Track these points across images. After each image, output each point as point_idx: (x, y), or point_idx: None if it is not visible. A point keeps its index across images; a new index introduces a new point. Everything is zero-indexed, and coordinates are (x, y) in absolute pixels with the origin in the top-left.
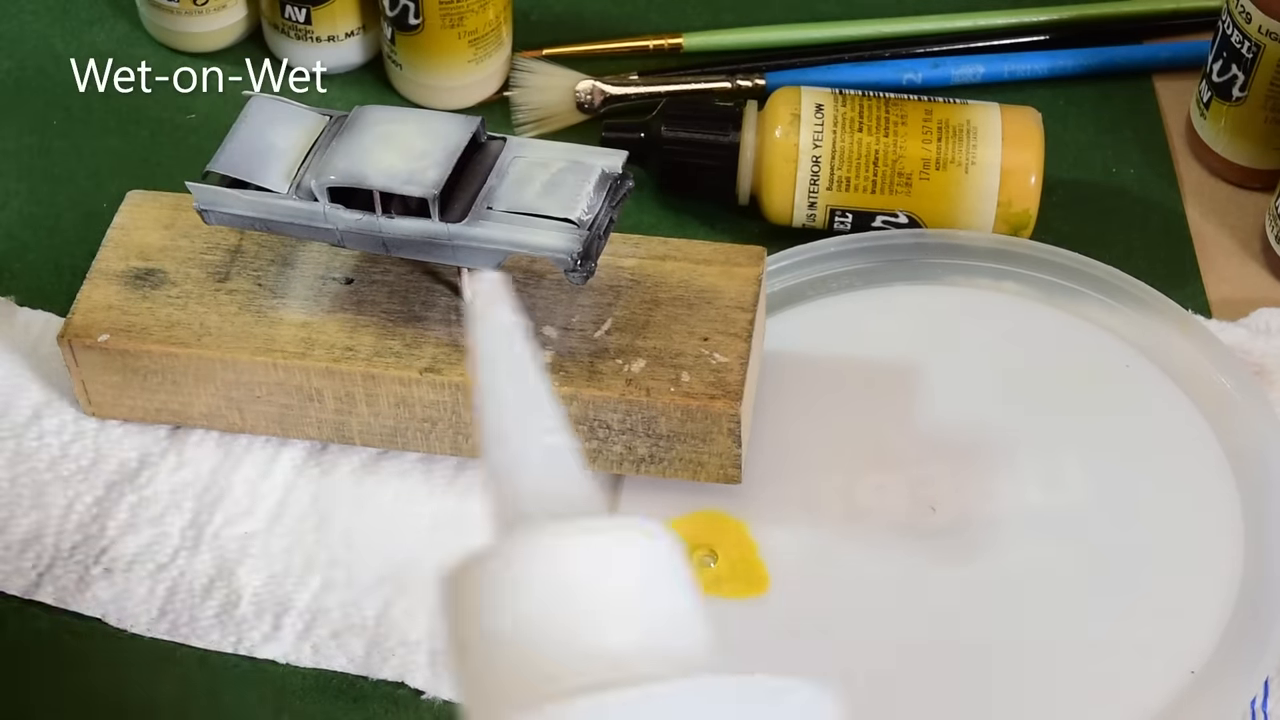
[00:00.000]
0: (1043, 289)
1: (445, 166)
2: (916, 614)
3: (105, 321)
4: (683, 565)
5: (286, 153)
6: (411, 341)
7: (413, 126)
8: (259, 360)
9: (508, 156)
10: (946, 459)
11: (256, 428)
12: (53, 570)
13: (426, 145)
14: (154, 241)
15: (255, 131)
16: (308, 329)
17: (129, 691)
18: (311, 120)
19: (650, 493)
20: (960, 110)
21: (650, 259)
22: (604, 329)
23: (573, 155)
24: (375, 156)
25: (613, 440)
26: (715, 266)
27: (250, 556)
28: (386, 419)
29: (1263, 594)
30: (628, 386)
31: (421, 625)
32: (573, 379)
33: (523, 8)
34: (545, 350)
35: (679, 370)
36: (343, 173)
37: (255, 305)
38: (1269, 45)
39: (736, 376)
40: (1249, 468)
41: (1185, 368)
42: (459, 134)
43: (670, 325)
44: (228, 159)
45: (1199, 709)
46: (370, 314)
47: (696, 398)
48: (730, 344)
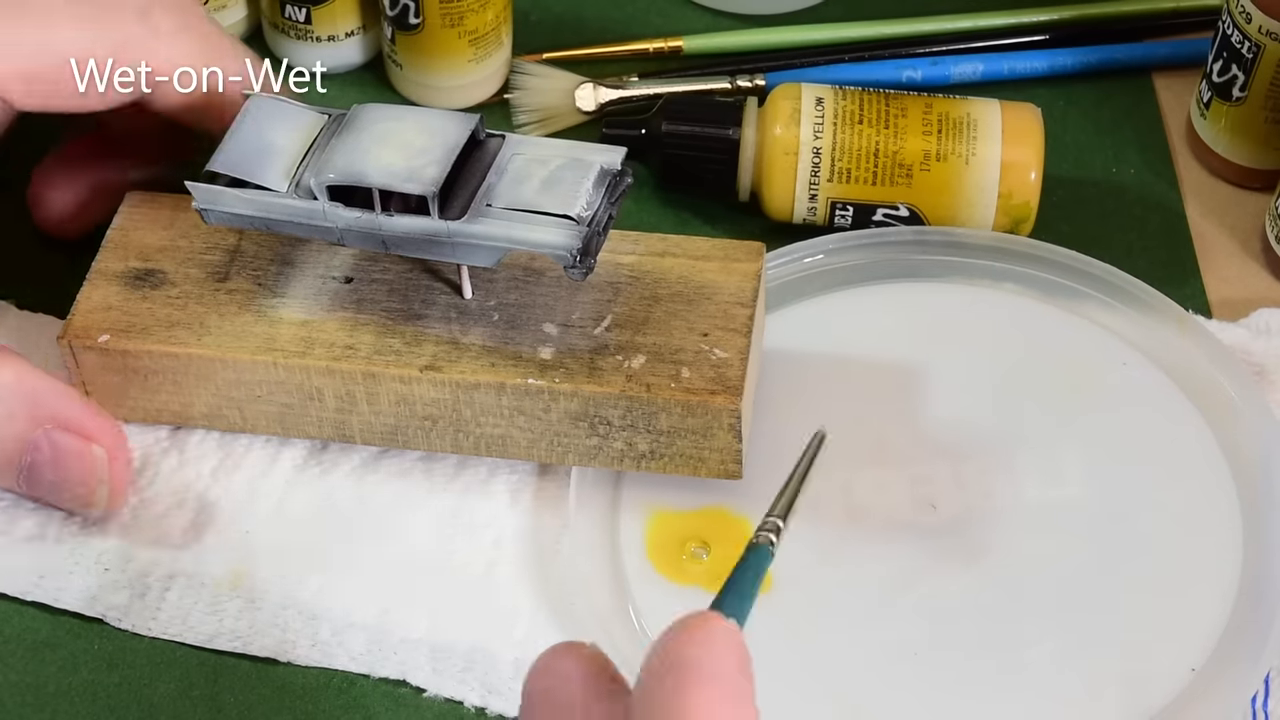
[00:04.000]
0: (1043, 288)
1: (444, 164)
2: (916, 612)
3: (105, 322)
4: None
5: (285, 151)
6: (411, 340)
7: (411, 124)
8: (259, 360)
9: (506, 153)
10: (947, 457)
11: (257, 427)
12: (54, 570)
13: (425, 142)
14: (153, 242)
15: (254, 130)
16: (308, 328)
17: (129, 691)
18: (310, 119)
19: (651, 488)
20: (960, 104)
21: (649, 255)
22: (604, 325)
23: (572, 152)
24: (374, 154)
25: (613, 437)
26: (714, 262)
27: (251, 555)
28: (387, 417)
29: (1262, 591)
30: (628, 382)
31: (423, 623)
32: (573, 375)
33: (523, 8)
34: (545, 347)
35: (679, 366)
36: (342, 170)
37: (255, 305)
38: (1269, 45)
39: (737, 372)
40: (1248, 466)
41: (1184, 367)
42: (458, 131)
43: (670, 321)
44: (226, 158)
45: (1199, 707)
46: (370, 312)
47: (697, 393)
48: (730, 339)
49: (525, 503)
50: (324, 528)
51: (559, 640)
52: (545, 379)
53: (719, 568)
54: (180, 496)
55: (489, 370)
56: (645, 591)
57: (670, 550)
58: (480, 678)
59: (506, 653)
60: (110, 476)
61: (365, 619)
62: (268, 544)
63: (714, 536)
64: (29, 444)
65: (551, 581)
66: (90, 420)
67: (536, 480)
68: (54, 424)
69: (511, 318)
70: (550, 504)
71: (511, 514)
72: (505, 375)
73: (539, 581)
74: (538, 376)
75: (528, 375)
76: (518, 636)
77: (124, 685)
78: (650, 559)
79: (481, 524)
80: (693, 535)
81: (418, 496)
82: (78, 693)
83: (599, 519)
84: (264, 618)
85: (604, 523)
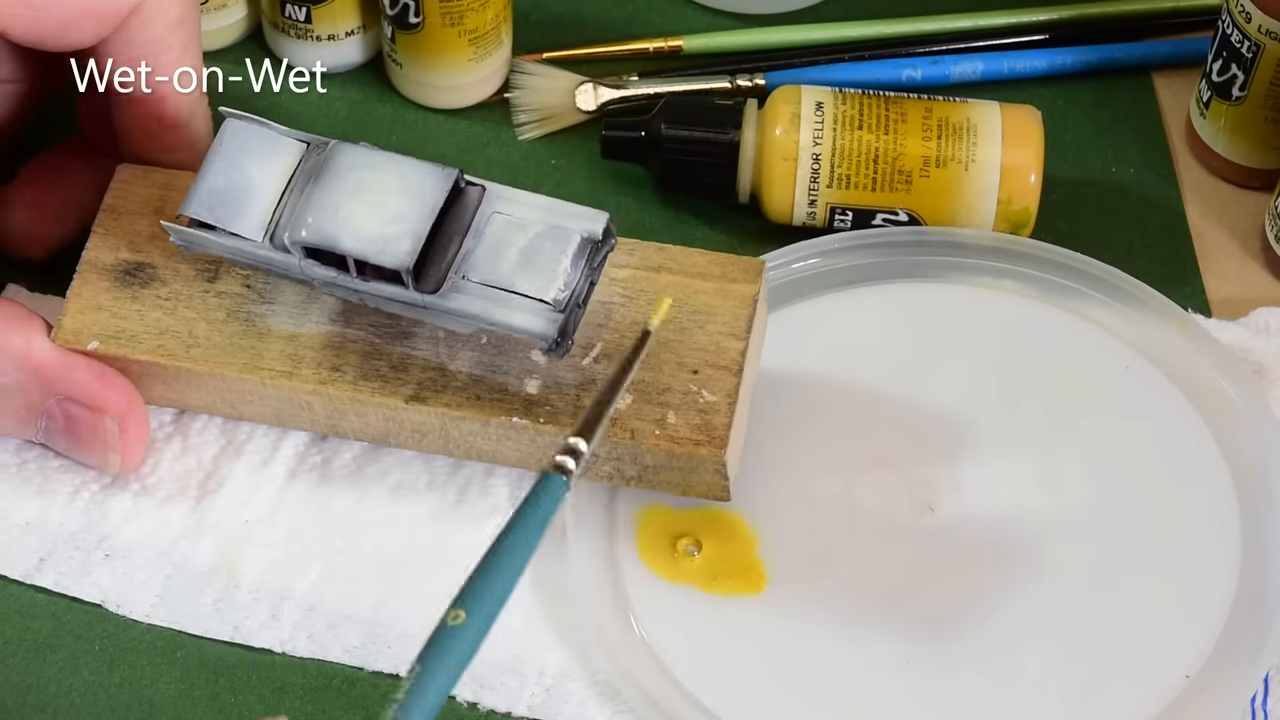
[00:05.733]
0: (1043, 288)
1: (420, 234)
2: (914, 615)
3: (95, 325)
4: None
5: (262, 191)
6: (398, 363)
7: (389, 177)
8: (246, 377)
9: (486, 210)
10: (945, 459)
11: (255, 420)
12: (55, 555)
13: (401, 205)
14: (143, 229)
15: (230, 164)
16: (295, 343)
17: (129, 691)
18: (288, 149)
19: None
20: (960, 108)
21: (645, 270)
22: (592, 355)
23: (552, 216)
24: (348, 214)
25: (601, 463)
26: (711, 281)
27: (250, 545)
28: (377, 428)
29: (1261, 592)
30: (613, 427)
31: (418, 618)
32: (557, 415)
33: (523, 7)
34: (532, 379)
35: (665, 410)
36: (315, 231)
37: (244, 312)
38: (1269, 45)
39: (723, 419)
40: (1247, 467)
41: (1184, 368)
42: (436, 190)
43: (659, 353)
44: (201, 201)
45: (1199, 708)
46: (358, 327)
47: (681, 443)
48: (720, 380)
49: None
50: (323, 519)
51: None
52: (529, 418)
53: (712, 567)
54: (182, 484)
55: (474, 404)
56: (639, 590)
57: (662, 548)
58: (473, 672)
59: (500, 648)
60: (122, 445)
61: (361, 612)
62: (267, 533)
63: (708, 535)
64: (43, 412)
65: (547, 578)
66: (101, 393)
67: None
68: (65, 397)
69: (500, 342)
70: None
71: (511, 509)
72: (489, 412)
73: (535, 577)
74: (522, 415)
75: (512, 413)
76: (512, 632)
77: (125, 685)
78: (642, 558)
79: (480, 518)
80: (684, 530)
81: (418, 488)
82: (78, 693)
83: (594, 515)
84: (261, 609)
85: (599, 519)
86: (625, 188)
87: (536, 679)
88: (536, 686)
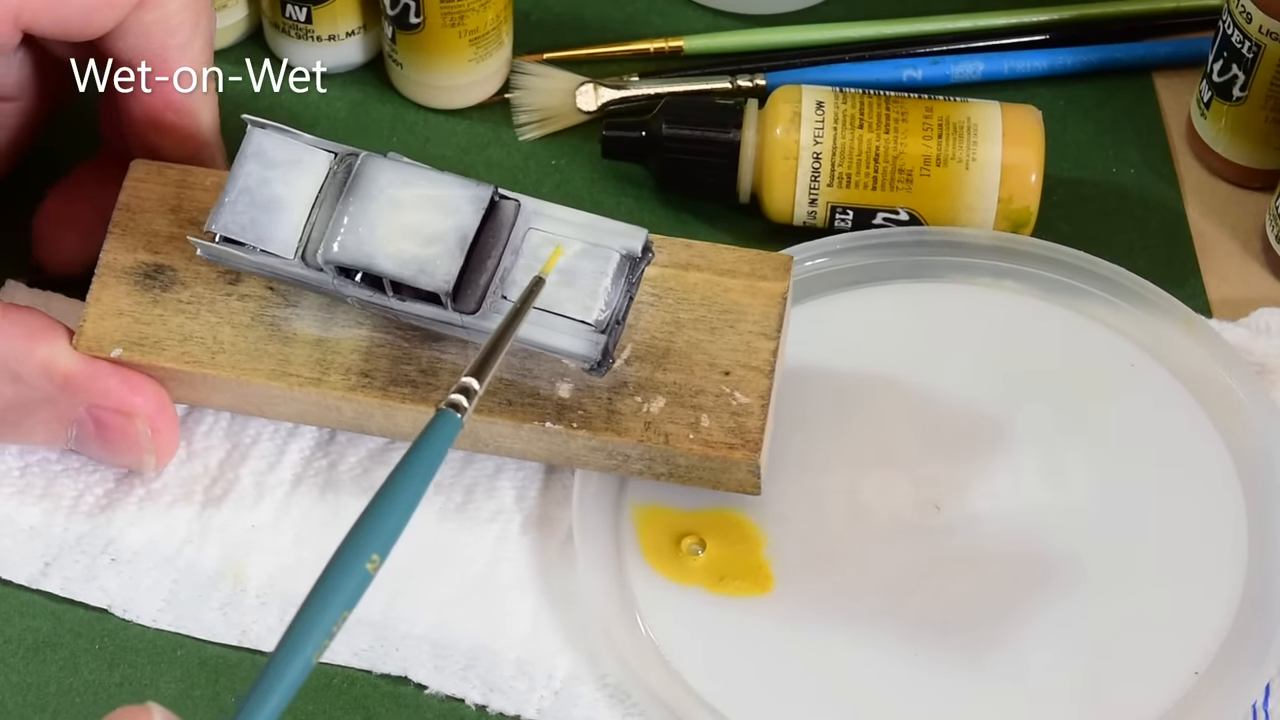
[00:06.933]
0: (1045, 287)
1: (458, 255)
2: (919, 613)
3: (117, 331)
4: None
5: (291, 205)
6: (427, 367)
7: (423, 194)
8: (274, 385)
9: (522, 226)
10: (950, 457)
11: (278, 418)
12: (60, 559)
13: (438, 225)
14: (161, 229)
15: (257, 179)
16: (321, 348)
17: (129, 691)
18: (315, 161)
19: (657, 486)
20: (961, 108)
21: (673, 267)
22: (624, 357)
23: (590, 234)
24: (383, 234)
25: (631, 462)
26: (740, 279)
27: (257, 549)
28: (404, 429)
29: (1267, 593)
30: (646, 430)
31: (426, 620)
32: (591, 421)
33: (523, 8)
34: (564, 383)
35: (699, 412)
36: (350, 252)
37: (268, 315)
38: (1269, 45)
39: (756, 421)
40: (1253, 466)
41: (1189, 366)
42: (472, 209)
43: (691, 354)
44: (231, 218)
45: (1202, 709)
46: (385, 330)
47: (715, 446)
48: (752, 381)
49: (531, 499)
50: (329, 522)
51: (561, 641)
52: (562, 423)
53: (719, 567)
54: (187, 489)
55: (505, 410)
56: (646, 591)
57: (666, 548)
58: (482, 676)
59: (509, 651)
60: (155, 445)
61: (369, 615)
62: (273, 538)
63: (714, 535)
64: (73, 421)
65: (555, 580)
66: (129, 398)
67: (543, 477)
68: (93, 404)
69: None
70: (556, 501)
71: (517, 510)
72: (521, 417)
73: (542, 580)
74: (555, 420)
75: (544, 418)
76: (520, 635)
77: (125, 685)
78: (648, 559)
79: (486, 520)
80: (688, 530)
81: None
82: (79, 692)
83: (602, 518)
84: (269, 613)
85: (607, 522)
86: (626, 188)
87: (546, 682)
88: (546, 690)
